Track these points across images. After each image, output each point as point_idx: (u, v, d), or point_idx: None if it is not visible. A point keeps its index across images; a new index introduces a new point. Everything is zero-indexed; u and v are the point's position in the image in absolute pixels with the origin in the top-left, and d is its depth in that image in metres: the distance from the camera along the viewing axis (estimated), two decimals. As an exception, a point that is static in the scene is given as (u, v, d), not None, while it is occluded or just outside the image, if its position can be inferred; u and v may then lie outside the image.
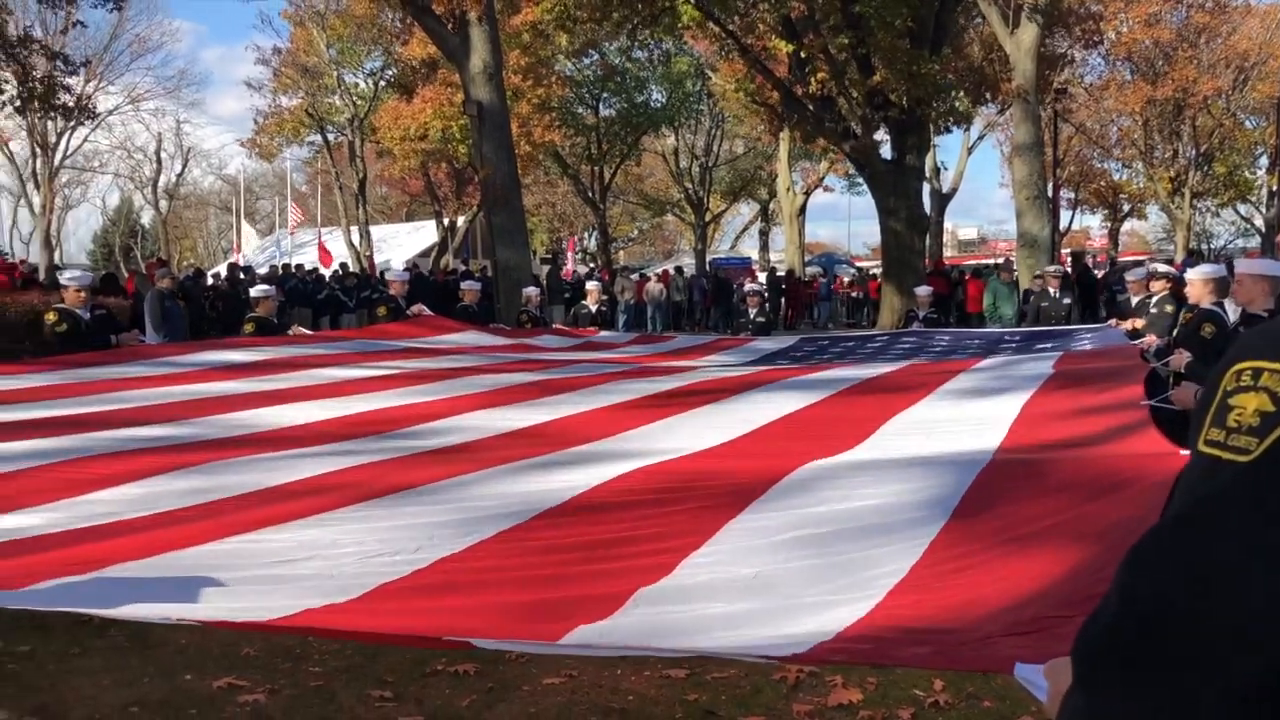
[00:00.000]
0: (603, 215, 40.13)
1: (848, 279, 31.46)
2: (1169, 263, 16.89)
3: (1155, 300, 8.73)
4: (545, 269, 28.05)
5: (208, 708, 3.96)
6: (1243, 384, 0.95)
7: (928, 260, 24.82)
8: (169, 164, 45.98)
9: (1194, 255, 30.29)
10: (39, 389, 5.10)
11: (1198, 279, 6.74)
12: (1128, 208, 43.93)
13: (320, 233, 35.94)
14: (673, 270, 28.99)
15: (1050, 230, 21.79)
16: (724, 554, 2.51)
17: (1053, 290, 11.62)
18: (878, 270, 27.06)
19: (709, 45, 27.98)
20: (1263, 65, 35.16)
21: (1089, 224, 51.63)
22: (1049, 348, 7.32)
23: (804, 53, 20.21)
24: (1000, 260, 23.11)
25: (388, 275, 12.52)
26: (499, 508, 2.96)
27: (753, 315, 12.41)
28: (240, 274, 23.00)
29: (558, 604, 2.26)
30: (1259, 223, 41.77)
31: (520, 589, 2.41)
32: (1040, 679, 1.23)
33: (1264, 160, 38.96)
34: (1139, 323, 8.57)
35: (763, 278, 28.08)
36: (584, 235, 49.11)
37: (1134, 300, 9.28)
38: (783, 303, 27.00)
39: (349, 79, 34.66)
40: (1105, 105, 37.98)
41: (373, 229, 37.98)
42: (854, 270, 34.98)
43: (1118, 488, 2.60)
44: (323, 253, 31.39)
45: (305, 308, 20.58)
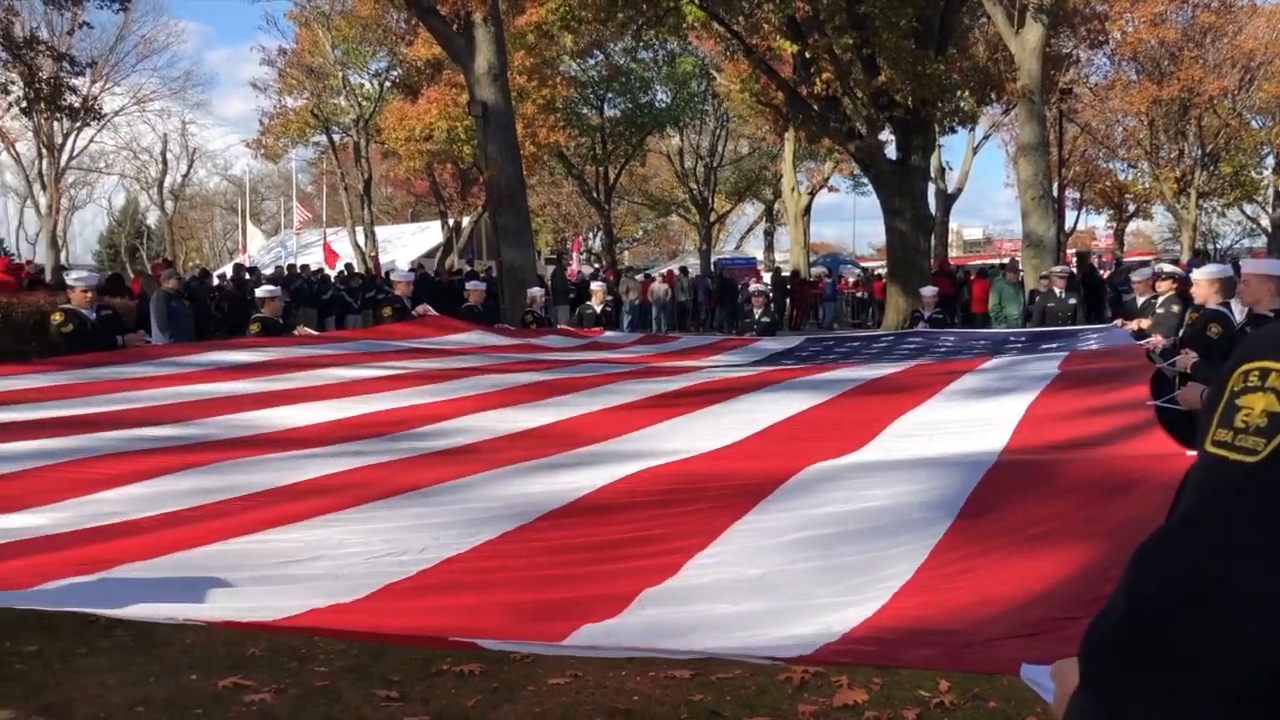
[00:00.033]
0: (607, 216, 40.13)
1: (853, 279, 31.40)
2: (1175, 263, 16.80)
3: (1161, 300, 8.70)
4: (550, 269, 28.06)
5: (213, 707, 3.96)
6: (1250, 384, 0.95)
7: (933, 260, 24.81)
8: (174, 165, 46.28)
9: (1200, 255, 30.13)
10: (45, 389, 5.11)
11: (1204, 279, 6.73)
12: (1133, 208, 43.88)
13: (325, 233, 36.00)
14: (677, 271, 28.99)
15: (1056, 230, 21.76)
16: (730, 555, 2.51)
17: (1058, 290, 11.60)
18: (883, 270, 27.00)
19: (714, 45, 28.03)
20: (1269, 65, 35.05)
21: (1094, 224, 51.66)
22: (1054, 348, 7.30)
23: (809, 53, 20.19)
24: (1005, 260, 23.04)
25: (393, 276, 12.52)
26: (505, 508, 2.96)
27: (758, 315, 12.42)
28: (246, 274, 23.05)
29: (563, 604, 2.25)
30: (1265, 223, 41.69)
31: (526, 589, 2.41)
32: (1047, 680, 1.23)
33: (1270, 160, 38.95)
34: (1145, 323, 8.55)
35: (768, 278, 28.02)
36: (589, 236, 49.12)
37: (1140, 300, 9.25)
38: (788, 303, 26.99)
39: (354, 80, 34.77)
40: (1111, 105, 37.90)
41: (378, 229, 38.04)
42: (859, 270, 34.90)
43: (1124, 489, 2.59)
44: (328, 253, 31.40)
45: (310, 308, 20.62)
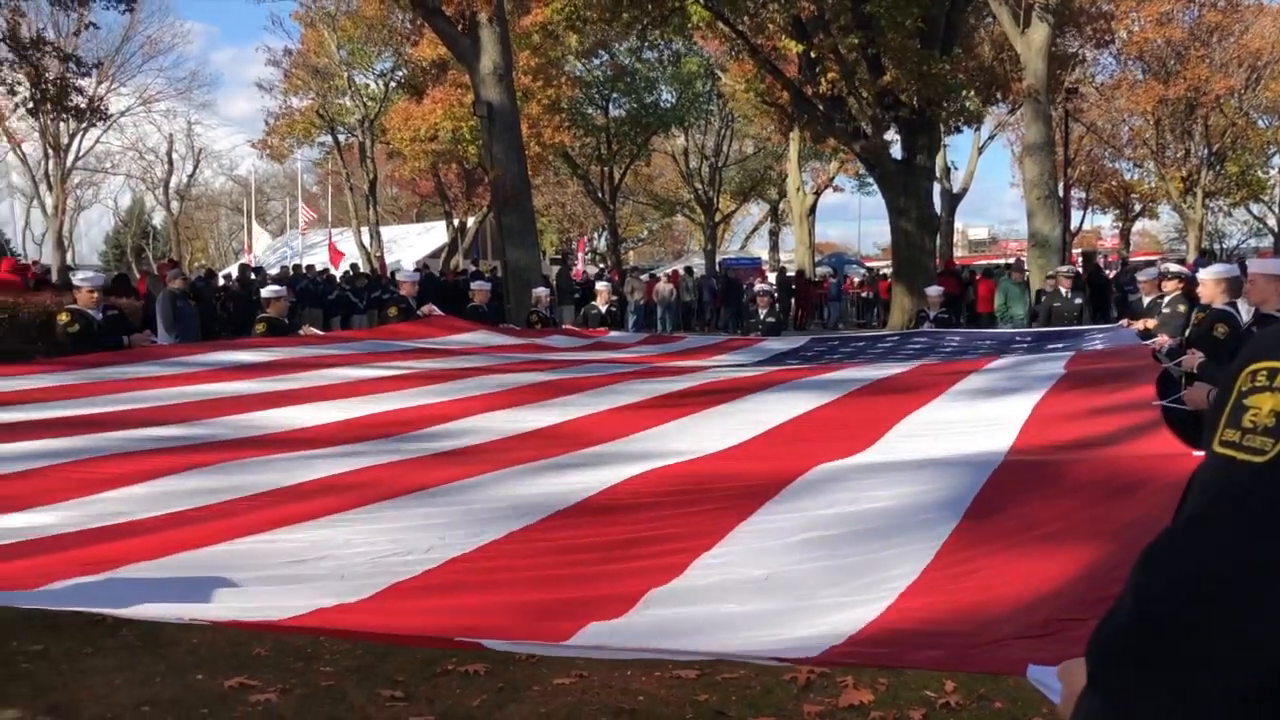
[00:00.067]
0: (612, 216, 40.12)
1: (858, 279, 31.34)
2: (1181, 262, 16.80)
3: (1167, 300, 8.68)
4: (555, 269, 28.06)
5: (219, 707, 3.97)
6: (1258, 384, 0.94)
7: (938, 260, 24.76)
8: (180, 165, 46.23)
9: (1206, 255, 30.08)
10: (51, 389, 5.12)
11: (1210, 279, 6.71)
12: (1139, 207, 43.79)
13: (331, 233, 36.05)
14: (682, 270, 28.99)
15: (1061, 230, 21.73)
16: (736, 555, 2.50)
17: (1064, 290, 11.57)
18: (888, 270, 26.98)
19: (719, 45, 28.02)
20: (1275, 64, 34.93)
21: (1100, 224, 51.51)
22: (1060, 348, 7.28)
23: (814, 53, 20.17)
24: (1011, 260, 23.00)
25: (398, 276, 12.55)
26: (511, 509, 2.96)
27: (763, 315, 12.42)
28: (251, 275, 23.11)
29: (569, 604, 2.25)
30: (1272, 222, 41.65)
31: (531, 589, 2.41)
32: (1053, 680, 1.23)
33: (1277, 160, 38.93)
34: (1151, 323, 8.53)
35: (772, 278, 27.99)
36: (594, 236, 49.14)
37: (1146, 300, 9.24)
38: (793, 303, 26.97)
39: (359, 80, 34.80)
40: (1117, 105, 37.81)
41: (383, 230, 38.08)
42: (864, 270, 34.86)
43: (1130, 489, 2.58)
44: (333, 253, 31.47)
45: (316, 308, 20.66)
